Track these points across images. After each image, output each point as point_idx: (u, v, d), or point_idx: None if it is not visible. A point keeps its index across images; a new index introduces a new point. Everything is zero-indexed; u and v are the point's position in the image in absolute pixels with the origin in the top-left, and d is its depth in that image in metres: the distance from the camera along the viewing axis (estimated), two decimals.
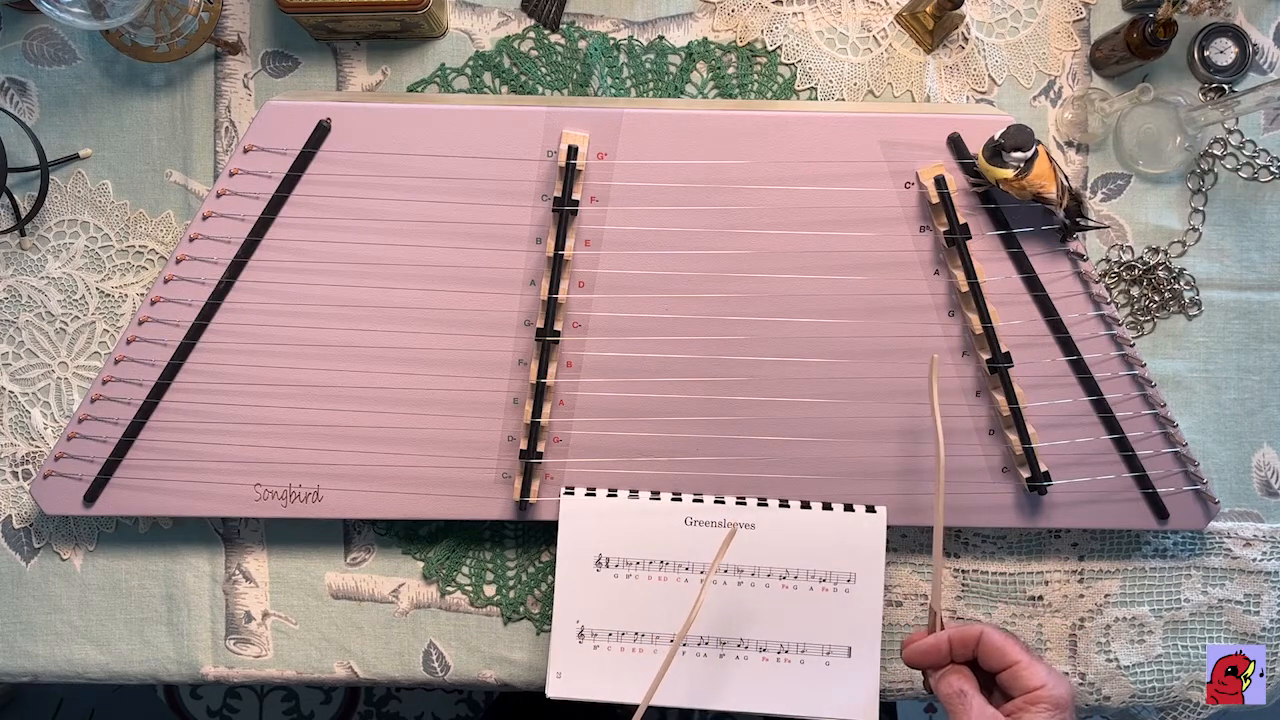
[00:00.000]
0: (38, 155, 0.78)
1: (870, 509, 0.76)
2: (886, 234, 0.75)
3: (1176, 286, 0.80)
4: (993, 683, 0.66)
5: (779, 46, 0.80)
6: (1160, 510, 0.77)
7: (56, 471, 0.76)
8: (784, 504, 0.76)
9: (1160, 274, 0.80)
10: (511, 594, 0.81)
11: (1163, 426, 0.76)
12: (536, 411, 0.75)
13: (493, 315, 0.75)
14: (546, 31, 0.80)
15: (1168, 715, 0.83)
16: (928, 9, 0.78)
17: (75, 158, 0.80)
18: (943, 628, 0.67)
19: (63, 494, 0.76)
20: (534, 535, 0.81)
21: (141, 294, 0.80)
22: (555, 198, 0.73)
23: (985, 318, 0.74)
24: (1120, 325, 0.75)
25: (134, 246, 0.80)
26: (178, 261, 0.74)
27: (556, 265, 0.74)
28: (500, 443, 0.76)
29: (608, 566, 0.75)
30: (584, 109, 0.74)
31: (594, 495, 0.76)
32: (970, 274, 0.74)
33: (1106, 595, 0.81)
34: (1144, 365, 0.76)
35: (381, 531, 0.81)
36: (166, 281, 0.75)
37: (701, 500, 0.75)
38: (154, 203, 0.80)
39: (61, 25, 0.77)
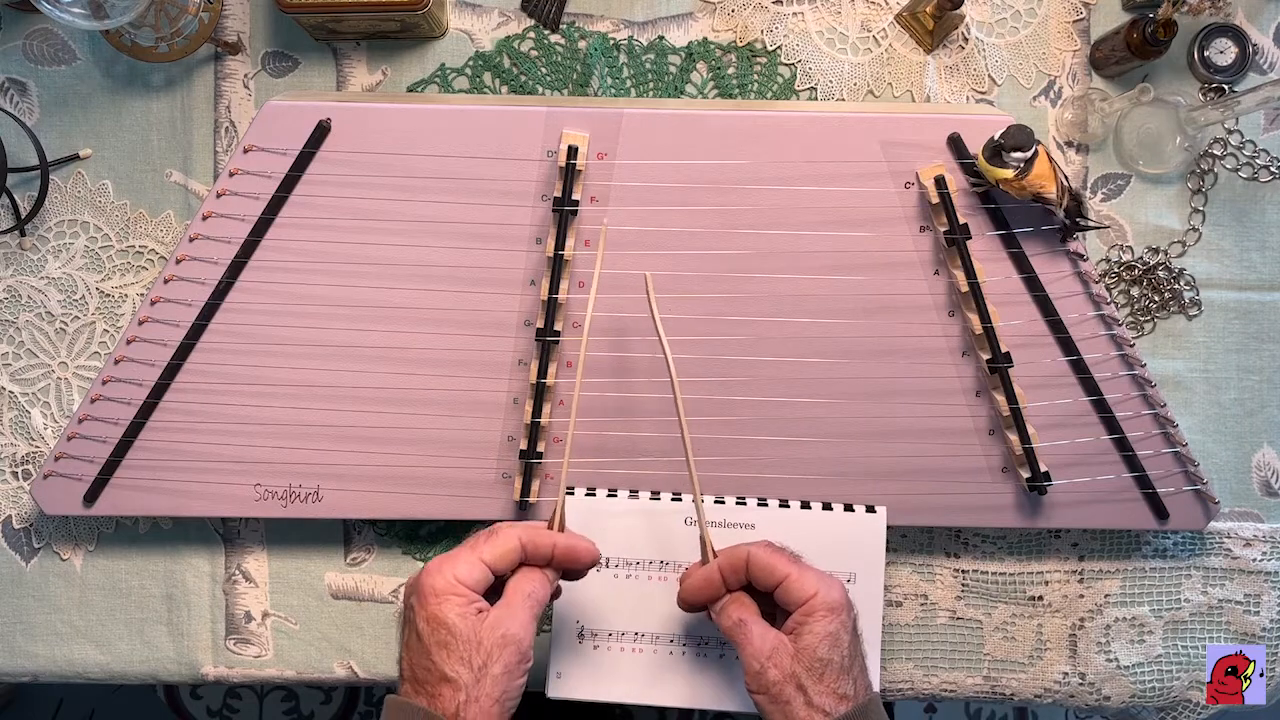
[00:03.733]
0: (38, 155, 0.78)
1: (870, 509, 0.76)
2: (886, 234, 0.75)
3: (1176, 286, 0.80)
4: (774, 605, 0.64)
5: (779, 46, 0.80)
6: (1160, 510, 0.77)
7: (56, 471, 0.76)
8: (784, 504, 0.75)
9: (1160, 274, 0.80)
10: None
11: (1163, 426, 0.76)
12: (536, 411, 0.75)
13: (493, 315, 0.75)
14: (546, 31, 0.80)
15: (1168, 715, 0.83)
16: (928, 9, 0.78)
17: (75, 158, 0.80)
18: (715, 557, 0.65)
19: (63, 494, 0.76)
20: None
21: (141, 294, 0.80)
22: (555, 198, 0.73)
23: (985, 318, 0.74)
24: (1120, 325, 0.75)
25: (134, 246, 0.80)
26: (178, 261, 0.75)
27: (556, 265, 0.74)
28: (500, 443, 0.76)
29: (608, 566, 0.75)
30: (584, 109, 0.74)
31: (594, 495, 0.76)
32: (970, 274, 0.74)
33: (1106, 595, 0.81)
34: (1144, 365, 0.76)
35: (381, 531, 0.81)
36: (166, 281, 0.75)
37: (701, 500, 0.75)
38: (154, 203, 0.80)
39: (61, 25, 0.77)
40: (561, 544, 0.64)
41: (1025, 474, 0.76)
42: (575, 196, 0.73)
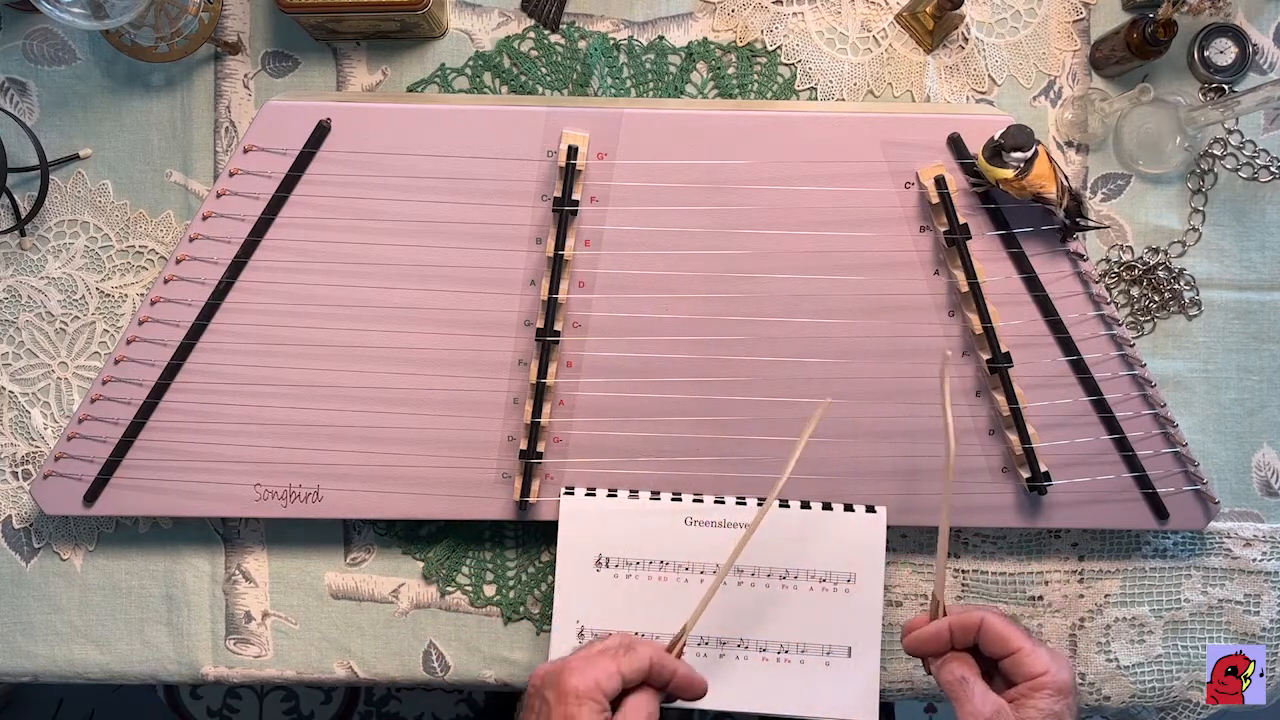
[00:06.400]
0: (38, 155, 0.78)
1: (870, 509, 0.76)
2: (886, 234, 0.75)
3: (1176, 286, 0.80)
4: (994, 667, 0.65)
5: (779, 46, 0.80)
6: (1160, 510, 0.77)
7: (56, 471, 0.76)
8: (784, 504, 0.76)
9: (1160, 274, 0.80)
10: (511, 594, 0.81)
11: (1163, 426, 0.76)
12: (536, 411, 0.75)
13: (493, 315, 0.75)
14: (546, 31, 0.80)
15: (1168, 715, 0.83)
16: (928, 9, 0.78)
17: (75, 158, 0.80)
18: (944, 614, 0.66)
19: (63, 494, 0.76)
20: (534, 535, 0.81)
21: (141, 294, 0.80)
22: (555, 198, 0.73)
23: (985, 318, 0.74)
24: (1120, 325, 0.75)
25: (134, 246, 0.80)
26: (178, 261, 0.75)
27: (556, 265, 0.74)
28: (500, 443, 0.76)
29: (608, 566, 0.75)
30: (584, 109, 0.74)
31: (594, 495, 0.76)
32: (970, 274, 0.74)
33: (1106, 595, 0.81)
34: (1144, 365, 0.76)
35: (381, 531, 0.81)
36: (166, 281, 0.75)
37: (701, 500, 0.75)
38: (154, 203, 0.80)
39: (61, 25, 0.77)
40: (682, 673, 0.65)
41: (1025, 474, 0.76)
42: (575, 196, 0.73)
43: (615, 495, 0.76)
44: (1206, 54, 0.79)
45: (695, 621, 0.67)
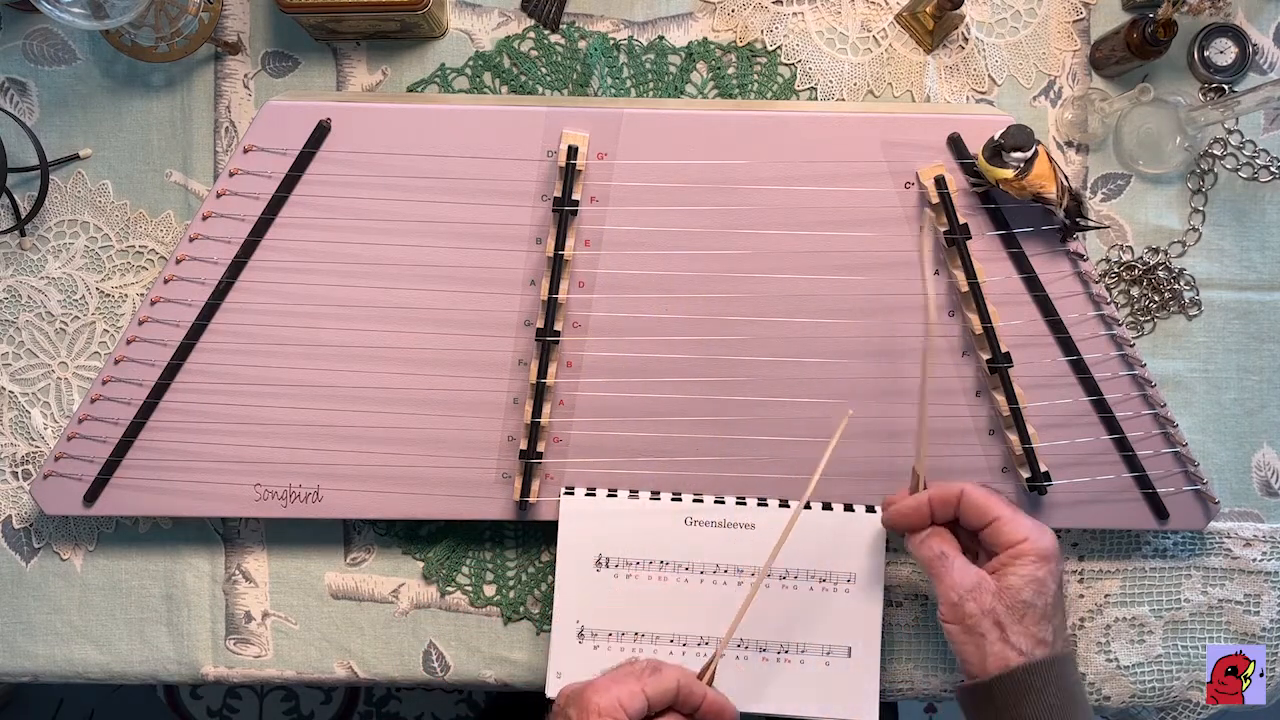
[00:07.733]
0: (38, 155, 0.78)
1: (870, 509, 0.76)
2: (886, 234, 0.75)
3: (1176, 286, 0.80)
4: (975, 543, 0.65)
5: (779, 46, 0.80)
6: (1160, 510, 0.77)
7: (56, 472, 0.76)
8: (784, 504, 0.76)
9: (1160, 274, 0.80)
10: (511, 594, 0.81)
11: (1163, 426, 0.76)
12: (536, 411, 0.75)
13: (493, 315, 0.75)
14: (546, 31, 0.80)
15: (1168, 715, 0.83)
16: (928, 9, 0.78)
17: (75, 158, 0.80)
18: (924, 488, 0.66)
19: (63, 494, 0.76)
20: (534, 535, 0.81)
21: (141, 294, 0.80)
22: (555, 198, 0.73)
23: (985, 318, 0.74)
24: (1120, 325, 0.75)
25: (134, 246, 0.80)
26: (178, 261, 0.75)
27: (556, 265, 0.74)
28: (500, 443, 0.76)
29: (608, 566, 0.75)
30: (584, 109, 0.74)
31: (594, 495, 0.76)
32: (970, 274, 0.74)
33: (1106, 595, 0.81)
34: (1144, 365, 0.76)
35: (381, 531, 0.81)
36: (166, 281, 0.75)
37: (701, 500, 0.75)
38: (154, 203, 0.80)
39: (61, 25, 0.77)
40: (710, 698, 0.65)
41: (1025, 474, 0.76)
42: (575, 196, 0.74)
43: (615, 495, 0.76)
44: (1206, 54, 0.80)
45: (726, 645, 0.67)
